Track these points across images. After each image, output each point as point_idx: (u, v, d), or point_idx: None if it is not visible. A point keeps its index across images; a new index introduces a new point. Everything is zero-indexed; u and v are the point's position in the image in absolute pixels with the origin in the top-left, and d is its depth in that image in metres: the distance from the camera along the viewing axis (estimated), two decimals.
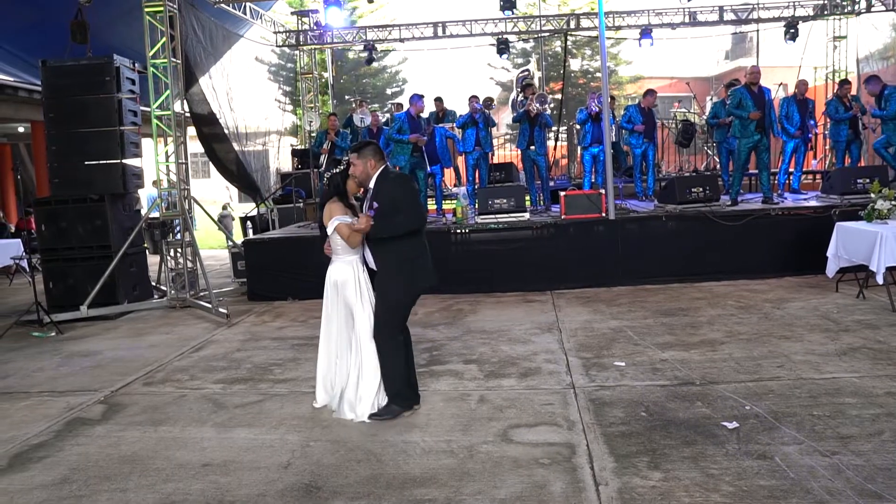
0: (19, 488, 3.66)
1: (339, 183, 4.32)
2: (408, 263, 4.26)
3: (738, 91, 8.72)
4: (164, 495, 3.48)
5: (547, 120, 10.08)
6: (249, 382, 5.30)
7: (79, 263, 8.42)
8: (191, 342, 6.78)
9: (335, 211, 4.25)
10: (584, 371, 5.09)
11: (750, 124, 8.55)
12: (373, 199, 4.24)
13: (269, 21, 13.52)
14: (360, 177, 4.28)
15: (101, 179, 8.53)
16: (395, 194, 4.19)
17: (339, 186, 4.32)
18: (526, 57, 22.36)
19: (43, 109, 8.68)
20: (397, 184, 4.28)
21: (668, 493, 3.19)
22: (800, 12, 13.12)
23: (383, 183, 4.25)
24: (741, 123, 8.66)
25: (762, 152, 8.77)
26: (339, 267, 4.33)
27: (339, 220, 4.20)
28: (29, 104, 10.83)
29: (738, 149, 8.89)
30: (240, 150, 11.61)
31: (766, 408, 4.12)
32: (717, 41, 22.69)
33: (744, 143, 8.72)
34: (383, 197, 4.20)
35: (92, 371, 5.95)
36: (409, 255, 4.26)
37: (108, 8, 9.27)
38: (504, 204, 8.67)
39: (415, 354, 5.75)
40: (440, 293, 8.26)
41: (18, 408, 5.03)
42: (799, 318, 6.21)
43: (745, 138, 8.69)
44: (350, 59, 22.36)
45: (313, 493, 3.40)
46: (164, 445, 4.14)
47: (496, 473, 3.49)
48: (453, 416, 4.32)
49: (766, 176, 8.96)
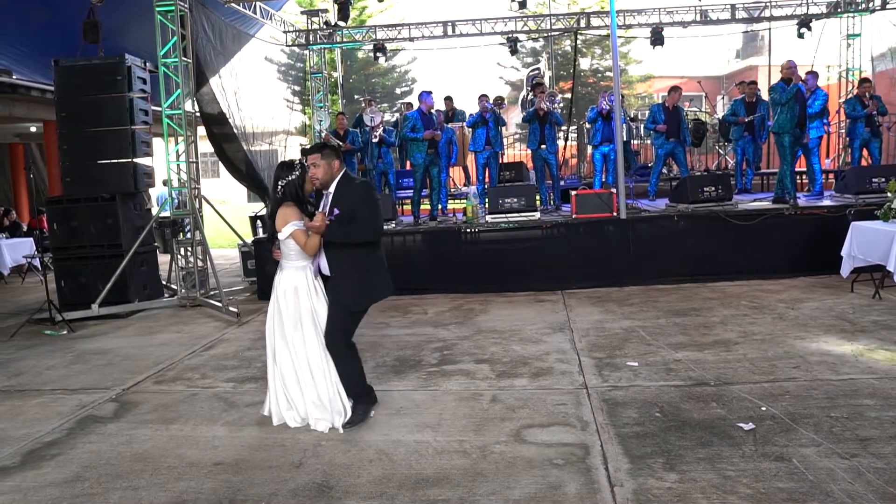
0: (32, 486, 3.65)
1: (296, 188, 4.14)
2: (365, 272, 4.18)
3: (780, 86, 8.44)
4: (176, 494, 3.47)
5: (557, 118, 10.04)
6: (260, 381, 5.28)
7: (90, 262, 8.44)
8: (201, 341, 6.78)
9: (290, 216, 4.06)
10: (596, 371, 5.05)
11: (793, 120, 8.28)
12: (333, 204, 4.10)
13: (279, 21, 13.51)
14: (323, 178, 4.12)
15: (112, 178, 8.56)
16: (356, 202, 4.07)
17: (297, 191, 4.14)
18: (535, 56, 22.32)
19: (55, 108, 8.71)
20: (360, 192, 4.13)
21: (684, 494, 3.15)
22: (813, 10, 12.98)
23: (346, 188, 4.13)
24: (785, 119, 8.38)
25: (797, 150, 8.52)
26: (291, 274, 4.19)
27: (295, 226, 4.04)
28: (42, 104, 10.88)
29: (784, 145, 8.57)
30: (248, 150, 11.61)
31: (782, 409, 4.07)
32: (729, 40, 22.54)
33: (787, 138, 8.46)
34: (344, 203, 4.07)
35: (103, 369, 5.95)
36: (367, 264, 4.18)
37: (120, 8, 9.28)
38: (514, 203, 8.63)
39: (426, 353, 5.78)
40: (450, 292, 8.25)
41: (31, 405, 5.04)
42: (814, 319, 6.14)
43: (786, 135, 8.43)
44: (359, 58, 22.38)
45: (326, 493, 3.38)
46: (176, 444, 4.13)
47: (510, 474, 3.46)
48: (465, 416, 4.29)
49: (791, 174, 8.68)
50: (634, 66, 24.18)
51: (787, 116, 8.41)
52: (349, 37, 14.27)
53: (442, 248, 8.62)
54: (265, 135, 12.92)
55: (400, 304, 7.81)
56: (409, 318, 7.22)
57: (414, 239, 8.72)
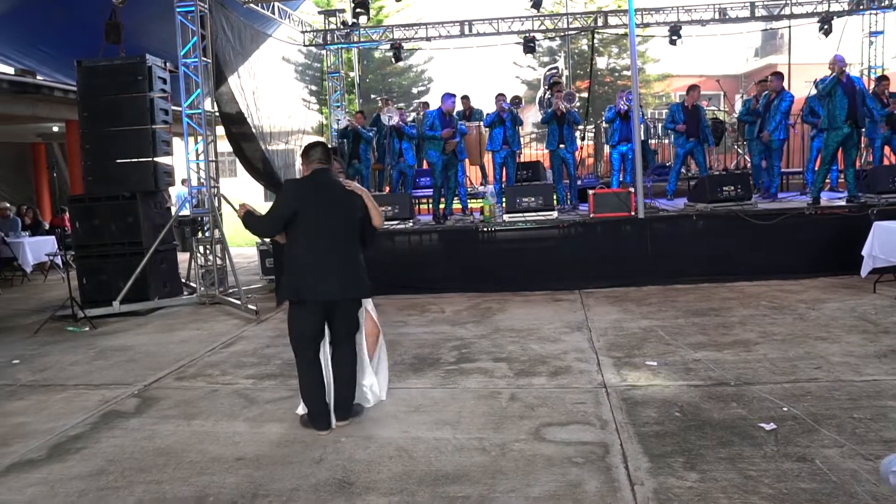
0: (59, 478, 3.71)
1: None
2: (287, 269, 4.23)
3: (823, 80, 8.17)
4: (199, 488, 3.51)
5: (575, 117, 10.01)
6: (279, 378, 5.33)
7: (111, 260, 8.55)
8: (221, 338, 6.85)
9: None
10: (615, 370, 5.03)
11: (839, 114, 7.97)
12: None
13: (297, 21, 13.59)
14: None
15: (133, 177, 8.66)
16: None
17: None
18: (552, 55, 22.26)
19: (78, 108, 8.83)
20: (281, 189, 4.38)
21: (705, 494, 3.13)
22: (834, 7, 12.83)
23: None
24: (830, 114, 8.08)
25: (852, 147, 8.22)
26: None
27: None
28: (64, 104, 11.03)
29: (826, 142, 8.32)
30: (265, 149, 11.70)
31: (804, 409, 4.04)
32: (747, 38, 22.37)
33: (832, 136, 8.14)
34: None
35: (125, 365, 6.03)
36: (298, 264, 4.13)
37: (140, 9, 9.38)
38: (532, 202, 8.62)
39: (444, 352, 5.79)
40: (468, 291, 8.26)
41: (56, 400, 5.12)
42: (835, 319, 6.08)
43: (833, 129, 8.09)
44: (376, 58, 22.44)
45: (346, 489, 3.40)
46: (198, 439, 4.17)
47: (529, 471, 3.46)
48: (484, 414, 4.29)
49: (852, 173, 8.45)
50: (652, 64, 24.05)
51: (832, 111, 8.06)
52: (366, 37, 14.32)
53: (459, 248, 8.63)
54: (282, 134, 13.00)
55: (417, 303, 7.83)
56: (426, 317, 7.24)
57: (431, 238, 8.74)
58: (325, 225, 4.13)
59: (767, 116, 9.44)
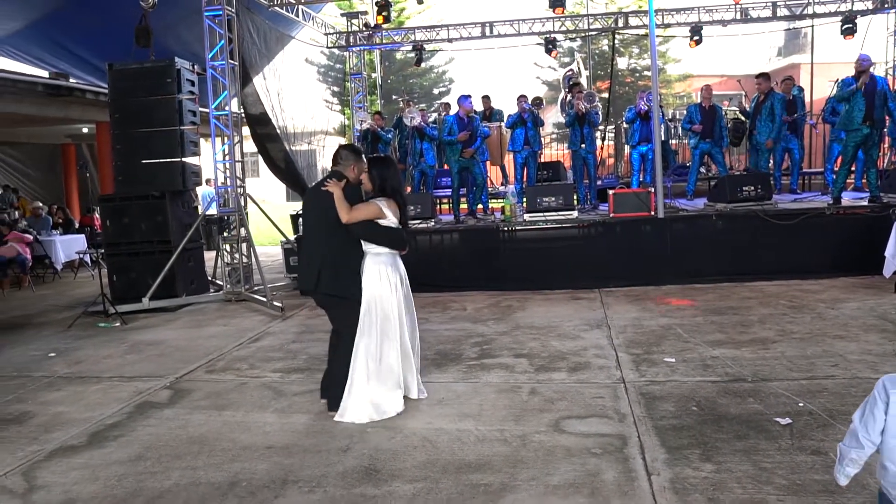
0: (99, 463, 3.90)
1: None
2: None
3: (847, 80, 8.20)
4: (232, 474, 3.67)
5: (594, 118, 10.09)
6: (306, 372, 5.49)
7: (140, 257, 8.78)
8: (248, 333, 7.04)
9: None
10: (633, 366, 5.13)
11: (857, 116, 7.96)
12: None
13: (320, 23, 13.80)
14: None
15: (162, 177, 8.88)
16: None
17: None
18: (572, 55, 22.27)
19: (109, 110, 9.09)
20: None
21: (720, 484, 3.23)
22: (858, 6, 12.75)
23: None
24: (847, 115, 8.09)
25: (871, 147, 8.21)
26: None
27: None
28: (95, 105, 11.35)
29: (846, 143, 8.32)
30: (289, 149, 11.92)
31: (819, 405, 4.11)
32: (770, 37, 22.16)
33: (851, 136, 8.13)
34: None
35: (157, 359, 6.24)
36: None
37: (165, 12, 9.61)
38: (552, 202, 8.72)
39: (466, 348, 5.93)
40: (488, 290, 8.38)
41: (92, 390, 5.33)
42: (854, 319, 6.12)
43: (851, 131, 8.07)
44: (397, 59, 22.62)
45: (372, 475, 3.55)
46: (229, 429, 4.34)
47: (549, 461, 3.58)
48: (505, 407, 4.42)
49: (874, 173, 8.42)
50: (673, 64, 23.94)
51: (850, 112, 8.06)
52: (389, 38, 14.49)
53: (480, 247, 8.75)
54: (305, 135, 13.22)
55: (439, 301, 7.97)
56: (448, 314, 7.38)
57: (452, 237, 8.87)
58: (309, 224, 4.64)
59: (759, 119, 9.39)
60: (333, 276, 4.36)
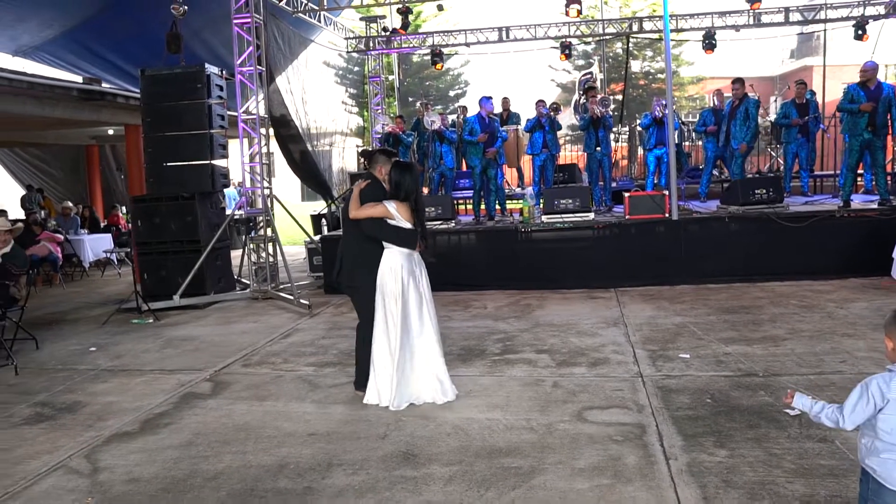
0: (154, 447, 4.22)
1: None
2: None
3: (851, 88, 8.43)
4: (280, 457, 3.97)
5: (608, 121, 10.35)
6: (338, 366, 5.79)
7: (170, 256, 9.10)
8: (278, 330, 7.34)
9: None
10: (650, 362, 5.40)
11: (860, 121, 8.22)
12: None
13: (341, 28, 14.12)
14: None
15: (191, 179, 9.21)
16: None
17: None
18: (587, 59, 22.50)
19: (141, 114, 9.43)
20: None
21: (733, 467, 3.50)
22: (870, 11, 12.93)
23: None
24: (851, 121, 8.36)
25: (876, 151, 8.45)
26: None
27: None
28: (125, 109, 11.72)
29: (850, 147, 8.57)
30: (311, 150, 12.26)
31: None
32: (783, 40, 22.29)
33: (854, 141, 8.42)
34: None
35: (193, 353, 6.55)
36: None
37: (191, 19, 9.91)
38: (569, 204, 8.97)
39: (489, 344, 6.20)
40: (507, 289, 8.65)
41: (137, 382, 5.65)
42: (863, 318, 6.35)
43: (854, 136, 8.38)
44: (414, 62, 22.93)
45: (411, 460, 3.84)
46: (272, 417, 4.65)
47: (574, 447, 3.86)
48: (530, 399, 4.70)
49: (882, 177, 8.64)
50: (686, 67, 24.14)
51: (852, 120, 8.34)
52: (407, 42, 14.80)
53: (499, 247, 9.02)
54: (325, 136, 13.56)
55: (461, 299, 8.25)
56: (469, 312, 7.66)
57: (472, 238, 9.15)
58: (342, 221, 5.06)
59: (733, 124, 9.50)
60: (350, 267, 4.91)
